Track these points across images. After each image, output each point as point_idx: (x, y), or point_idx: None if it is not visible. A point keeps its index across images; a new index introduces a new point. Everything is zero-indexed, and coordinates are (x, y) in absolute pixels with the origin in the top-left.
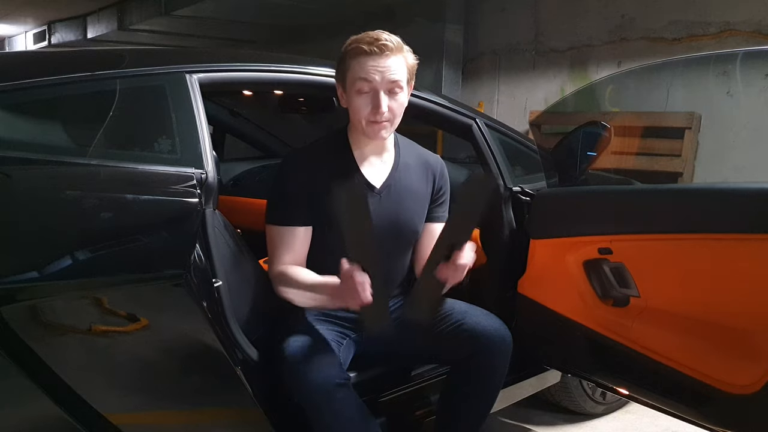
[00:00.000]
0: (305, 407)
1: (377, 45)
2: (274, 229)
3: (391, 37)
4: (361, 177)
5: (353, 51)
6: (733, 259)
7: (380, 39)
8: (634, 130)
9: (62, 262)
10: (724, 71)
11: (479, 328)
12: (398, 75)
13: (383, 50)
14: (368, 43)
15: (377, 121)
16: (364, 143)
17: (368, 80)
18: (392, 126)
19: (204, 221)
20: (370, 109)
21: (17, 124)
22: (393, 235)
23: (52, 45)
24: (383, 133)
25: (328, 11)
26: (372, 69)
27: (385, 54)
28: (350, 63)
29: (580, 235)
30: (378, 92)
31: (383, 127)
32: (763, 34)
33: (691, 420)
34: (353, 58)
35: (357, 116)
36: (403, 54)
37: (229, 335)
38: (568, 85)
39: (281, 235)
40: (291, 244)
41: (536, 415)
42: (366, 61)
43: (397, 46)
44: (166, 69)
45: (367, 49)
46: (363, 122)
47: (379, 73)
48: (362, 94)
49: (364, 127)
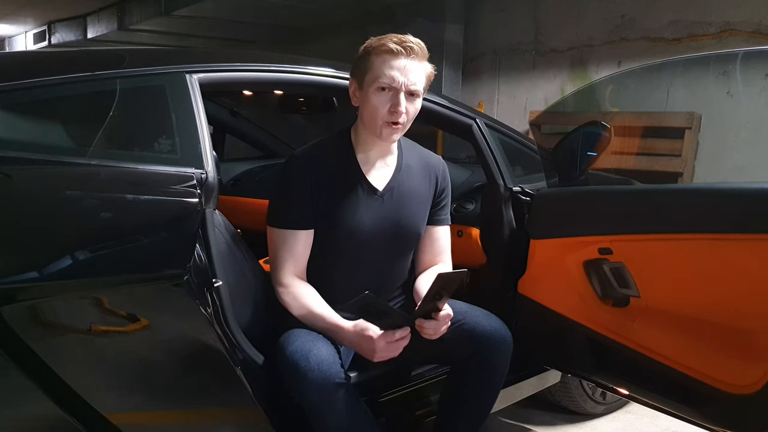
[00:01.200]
0: (305, 407)
1: (404, 46)
2: (276, 232)
3: (419, 43)
4: (364, 180)
5: (378, 48)
6: (733, 259)
7: (407, 41)
8: (634, 130)
9: (62, 262)
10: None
11: (479, 328)
12: (420, 81)
13: (410, 53)
14: (396, 43)
15: (394, 121)
16: (369, 146)
17: (393, 79)
18: (404, 129)
19: (204, 221)
20: (388, 107)
21: (17, 124)
22: (395, 237)
23: (52, 45)
24: (395, 135)
25: (328, 11)
26: (397, 69)
27: (411, 57)
28: (373, 60)
29: (580, 235)
30: (399, 92)
31: (397, 130)
32: (763, 34)
33: (691, 420)
34: (378, 56)
35: (373, 115)
36: (425, 62)
37: (229, 335)
38: (568, 85)
39: (283, 239)
40: (293, 248)
41: (536, 415)
42: (391, 60)
43: (422, 53)
44: (166, 69)
45: (395, 49)
46: (379, 122)
47: (404, 74)
48: (381, 93)
49: (380, 126)
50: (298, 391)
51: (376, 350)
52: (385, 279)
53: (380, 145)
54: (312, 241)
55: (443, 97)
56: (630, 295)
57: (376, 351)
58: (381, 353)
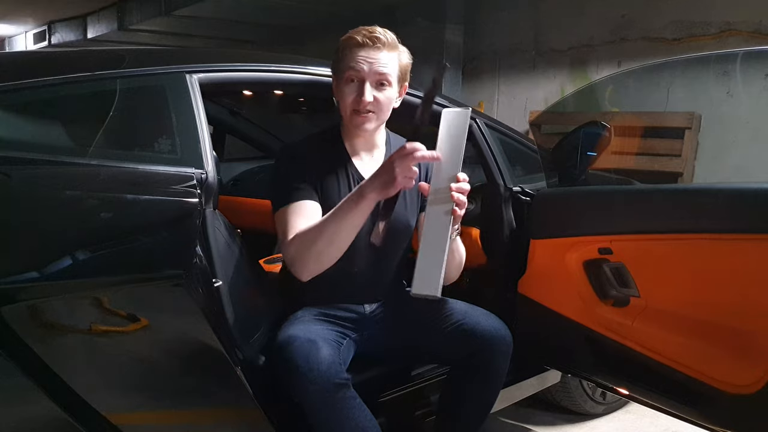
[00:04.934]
0: (305, 407)
1: (369, 37)
2: (283, 211)
3: (386, 34)
4: (353, 171)
5: (346, 42)
6: (733, 259)
7: (374, 32)
8: (634, 130)
9: (62, 262)
10: (724, 71)
11: (479, 328)
12: (387, 69)
13: (375, 42)
14: (362, 35)
15: (360, 110)
16: (354, 137)
17: (356, 69)
18: (377, 119)
19: (204, 221)
20: (354, 97)
21: (17, 124)
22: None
23: (52, 45)
24: (367, 125)
25: (328, 11)
26: (361, 59)
27: (377, 46)
28: (343, 53)
29: (580, 235)
30: (364, 82)
31: (367, 119)
32: (763, 34)
33: (691, 420)
34: (346, 49)
35: (343, 105)
36: (396, 52)
37: (229, 335)
38: (568, 85)
39: (292, 210)
40: (303, 214)
41: (536, 415)
42: (357, 51)
43: (390, 43)
44: (166, 69)
45: (360, 41)
46: (348, 111)
47: (367, 64)
48: (349, 83)
49: (348, 116)
50: (297, 392)
51: (396, 172)
52: (378, 271)
53: (364, 138)
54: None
55: (443, 97)
56: (630, 295)
57: (396, 173)
58: (400, 172)
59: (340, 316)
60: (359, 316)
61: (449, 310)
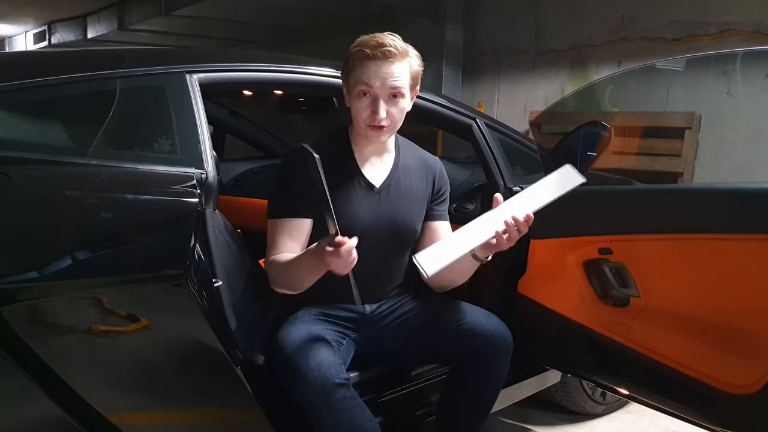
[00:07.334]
0: (305, 407)
1: (381, 50)
2: (274, 223)
3: (397, 42)
4: (361, 176)
5: (357, 54)
6: (733, 259)
7: (384, 44)
8: (634, 130)
9: (62, 262)
10: (724, 71)
11: (479, 328)
12: (400, 81)
13: (387, 56)
14: (372, 48)
15: (374, 126)
16: (364, 144)
17: (369, 85)
18: (391, 131)
19: (204, 221)
20: (369, 113)
21: (17, 124)
22: (391, 234)
23: (52, 45)
24: (381, 137)
25: (328, 11)
26: (374, 74)
27: (389, 60)
28: (354, 65)
29: (580, 235)
30: (378, 98)
31: (381, 132)
32: (763, 34)
33: (691, 420)
34: (357, 61)
35: (357, 118)
36: (408, 59)
37: (229, 335)
38: (568, 85)
39: (282, 227)
40: (289, 234)
41: (536, 415)
42: (368, 65)
43: (401, 52)
44: (166, 69)
45: (371, 54)
46: (362, 125)
47: (380, 79)
48: (363, 97)
49: (363, 129)
50: (297, 392)
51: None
52: (382, 276)
53: (374, 144)
54: (309, 233)
55: (443, 97)
56: (630, 295)
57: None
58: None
59: (340, 316)
60: (359, 316)
61: (449, 310)
